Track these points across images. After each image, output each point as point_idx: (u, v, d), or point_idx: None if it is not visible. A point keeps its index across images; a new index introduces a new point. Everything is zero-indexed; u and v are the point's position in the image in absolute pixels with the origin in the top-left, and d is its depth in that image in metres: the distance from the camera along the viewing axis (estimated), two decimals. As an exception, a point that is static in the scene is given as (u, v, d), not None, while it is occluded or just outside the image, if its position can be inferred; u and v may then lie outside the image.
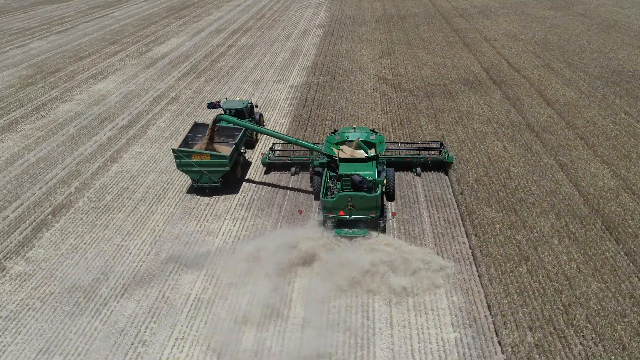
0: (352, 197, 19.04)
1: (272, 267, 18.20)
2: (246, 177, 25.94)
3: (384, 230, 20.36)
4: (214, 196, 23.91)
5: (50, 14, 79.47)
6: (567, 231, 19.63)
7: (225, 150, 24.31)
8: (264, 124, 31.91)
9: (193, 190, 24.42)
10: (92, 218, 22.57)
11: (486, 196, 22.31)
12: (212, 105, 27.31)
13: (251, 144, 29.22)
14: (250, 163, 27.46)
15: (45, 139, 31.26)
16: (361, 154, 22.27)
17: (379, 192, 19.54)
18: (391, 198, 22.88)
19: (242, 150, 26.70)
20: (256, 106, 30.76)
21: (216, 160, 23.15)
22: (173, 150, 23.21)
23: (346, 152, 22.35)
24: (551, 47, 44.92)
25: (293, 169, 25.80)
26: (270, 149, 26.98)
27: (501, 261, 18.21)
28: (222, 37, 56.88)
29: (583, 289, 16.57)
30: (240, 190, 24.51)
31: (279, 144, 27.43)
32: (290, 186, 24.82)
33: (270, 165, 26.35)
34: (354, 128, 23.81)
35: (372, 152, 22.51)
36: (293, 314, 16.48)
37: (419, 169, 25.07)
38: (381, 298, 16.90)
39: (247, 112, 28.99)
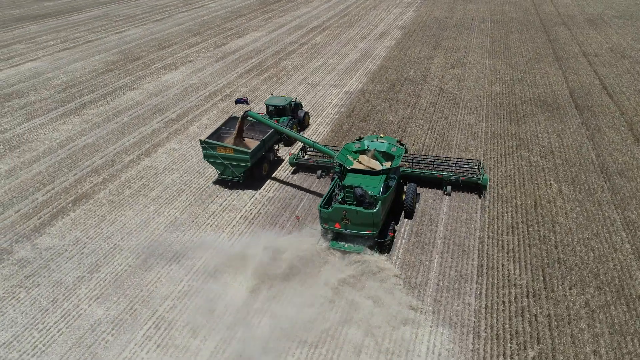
0: (348, 211, 17.89)
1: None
2: (273, 175, 25.77)
3: (388, 250, 18.81)
4: (221, 205, 23.18)
5: (155, 2, 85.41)
6: (605, 313, 15.64)
7: (251, 146, 24.31)
8: (309, 123, 31.62)
9: (217, 181, 25.10)
10: (104, 212, 23.08)
11: (515, 249, 18.76)
12: (239, 101, 27.19)
13: (289, 142, 28.82)
14: (282, 160, 27.16)
15: (99, 126, 33.04)
16: (377, 165, 20.43)
17: (377, 208, 17.65)
18: (409, 216, 21.22)
19: (274, 147, 26.53)
20: (300, 104, 30.74)
21: (239, 155, 23.49)
22: (200, 140, 24.08)
23: (363, 161, 20.66)
24: (665, 68, 37.50)
25: (319, 172, 25.35)
26: (301, 149, 26.31)
27: (505, 338, 15.01)
28: (298, 34, 56.37)
29: (599, 399, 12.95)
30: (252, 200, 23.50)
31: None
32: (312, 189, 24.13)
33: (298, 166, 26.05)
34: (377, 137, 21.84)
35: (388, 164, 20.45)
36: None
37: (449, 188, 22.72)
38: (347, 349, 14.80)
39: (289, 109, 28.84)
